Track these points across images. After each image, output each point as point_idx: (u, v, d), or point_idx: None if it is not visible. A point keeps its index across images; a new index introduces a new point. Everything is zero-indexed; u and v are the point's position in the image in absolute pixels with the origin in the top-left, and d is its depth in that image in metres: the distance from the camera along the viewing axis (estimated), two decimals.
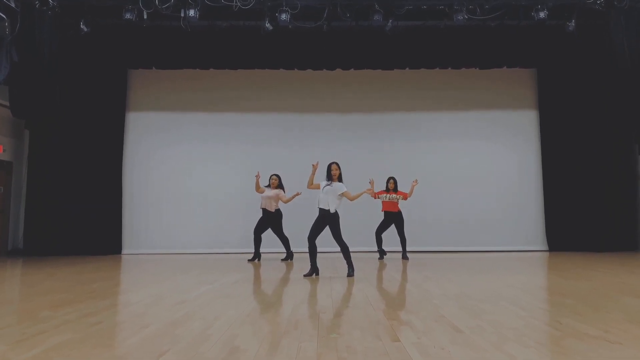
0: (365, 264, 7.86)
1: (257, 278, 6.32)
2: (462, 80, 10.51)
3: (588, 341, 2.95)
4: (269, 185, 8.34)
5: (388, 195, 8.48)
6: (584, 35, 9.14)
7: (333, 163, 6.36)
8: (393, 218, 8.51)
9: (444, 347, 2.86)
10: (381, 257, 8.56)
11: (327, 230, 6.23)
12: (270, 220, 8.24)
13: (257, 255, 8.34)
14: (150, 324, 3.53)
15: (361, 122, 10.52)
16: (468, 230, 10.13)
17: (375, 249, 8.70)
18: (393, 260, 8.30)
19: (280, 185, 8.35)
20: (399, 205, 8.51)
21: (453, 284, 5.45)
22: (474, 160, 10.41)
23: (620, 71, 8.65)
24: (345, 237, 6.10)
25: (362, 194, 6.37)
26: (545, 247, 10.03)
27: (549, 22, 8.54)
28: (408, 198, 8.42)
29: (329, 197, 6.17)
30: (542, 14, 8.19)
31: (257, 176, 8.08)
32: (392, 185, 8.51)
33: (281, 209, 8.37)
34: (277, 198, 8.21)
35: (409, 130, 10.52)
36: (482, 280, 5.78)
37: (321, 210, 6.21)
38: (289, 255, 8.39)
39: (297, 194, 7.87)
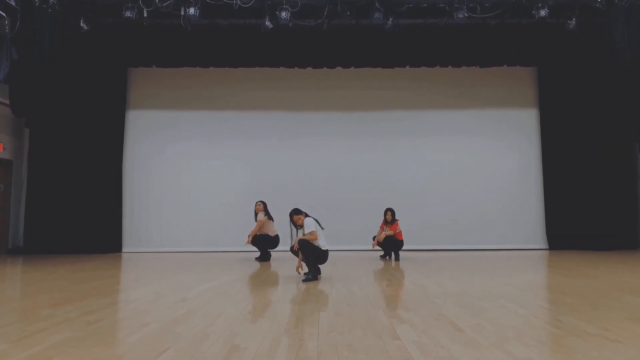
0: (365, 262, 7.87)
1: (257, 276, 6.32)
2: (462, 78, 10.52)
3: (588, 339, 2.95)
4: (256, 213, 8.28)
5: (384, 233, 8.29)
6: (585, 34, 9.14)
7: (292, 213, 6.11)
8: (393, 242, 8.29)
9: (444, 345, 2.86)
10: (384, 257, 8.51)
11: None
12: (264, 239, 8.17)
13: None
14: (151, 322, 3.53)
15: (361, 120, 10.53)
16: (468, 228, 10.14)
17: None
18: (398, 259, 8.29)
19: (264, 210, 8.24)
20: (401, 235, 8.31)
21: (453, 283, 5.45)
22: (474, 158, 10.42)
23: (620, 70, 8.65)
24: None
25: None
26: (546, 246, 10.04)
27: (549, 20, 8.55)
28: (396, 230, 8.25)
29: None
30: (542, 12, 8.19)
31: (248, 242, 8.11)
32: (389, 217, 8.31)
33: (279, 238, 8.19)
34: (260, 225, 8.11)
35: (409, 128, 10.52)
36: (482, 279, 5.78)
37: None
38: (264, 257, 8.28)
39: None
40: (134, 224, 10.23)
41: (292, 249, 6.03)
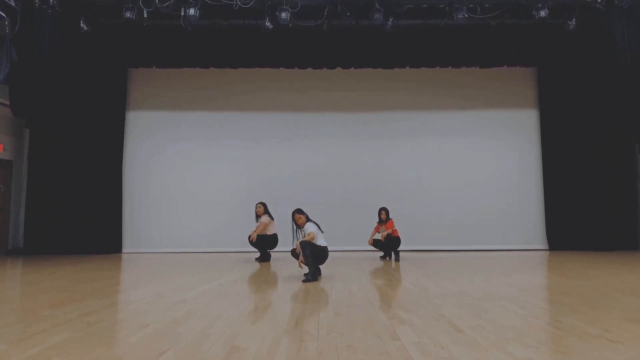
0: (365, 263, 7.86)
1: (257, 277, 6.32)
2: (462, 79, 10.53)
3: (589, 340, 2.95)
4: (258, 215, 8.31)
5: (380, 233, 8.33)
6: (585, 34, 9.15)
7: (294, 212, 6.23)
8: (390, 241, 8.28)
9: (444, 346, 2.86)
10: (384, 257, 8.51)
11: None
12: (263, 239, 8.16)
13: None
14: (151, 322, 3.53)
15: (361, 120, 10.53)
16: (468, 229, 10.15)
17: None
18: (398, 259, 8.29)
19: (266, 212, 8.26)
20: (397, 232, 8.32)
21: (453, 283, 5.45)
22: (474, 159, 10.43)
23: (620, 70, 8.65)
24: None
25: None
26: (546, 246, 10.04)
27: (549, 21, 8.55)
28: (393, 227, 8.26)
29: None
30: (542, 13, 8.20)
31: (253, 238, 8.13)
32: (384, 216, 8.35)
33: (278, 237, 8.19)
34: (264, 226, 8.13)
35: (409, 129, 10.53)
36: (482, 279, 5.78)
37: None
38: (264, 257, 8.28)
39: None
40: (134, 224, 10.23)
41: (293, 252, 6.05)
